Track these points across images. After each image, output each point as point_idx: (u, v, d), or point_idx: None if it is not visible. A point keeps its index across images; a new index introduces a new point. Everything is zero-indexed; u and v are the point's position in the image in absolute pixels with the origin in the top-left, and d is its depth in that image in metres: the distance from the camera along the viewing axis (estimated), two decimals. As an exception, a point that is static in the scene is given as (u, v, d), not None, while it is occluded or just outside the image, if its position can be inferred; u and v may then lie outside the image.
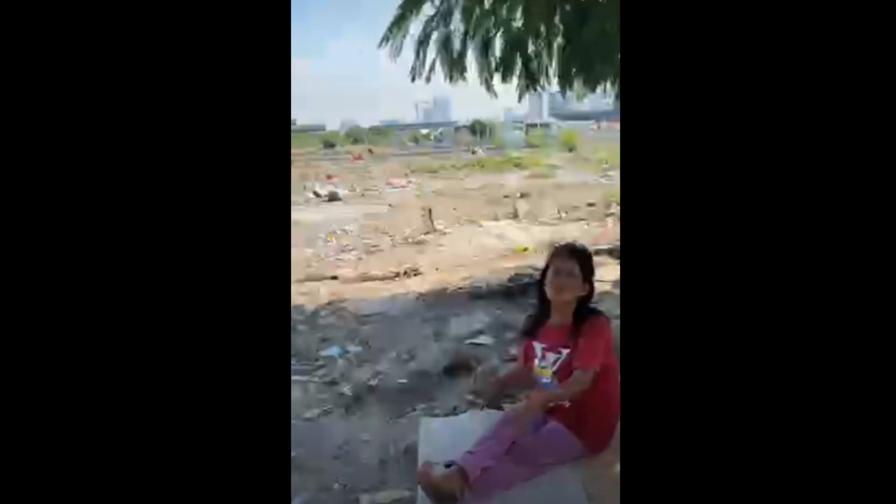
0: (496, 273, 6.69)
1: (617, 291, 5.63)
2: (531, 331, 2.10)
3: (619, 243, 7.37)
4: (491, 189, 15.65)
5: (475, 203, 13.33)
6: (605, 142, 28.27)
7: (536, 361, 2.00)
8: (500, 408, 2.64)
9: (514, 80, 4.55)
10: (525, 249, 7.93)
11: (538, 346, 2.00)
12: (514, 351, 4.39)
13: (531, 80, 4.55)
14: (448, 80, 4.56)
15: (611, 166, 18.71)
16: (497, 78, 4.55)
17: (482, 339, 4.74)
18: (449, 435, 2.25)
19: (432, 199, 13.71)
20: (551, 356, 1.95)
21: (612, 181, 15.11)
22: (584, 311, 1.94)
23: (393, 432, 3.36)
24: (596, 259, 7.32)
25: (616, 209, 10.57)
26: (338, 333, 5.17)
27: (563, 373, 1.88)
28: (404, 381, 4.16)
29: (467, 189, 16.10)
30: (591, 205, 11.61)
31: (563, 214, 11.00)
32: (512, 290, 5.75)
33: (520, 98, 4.69)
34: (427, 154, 29.71)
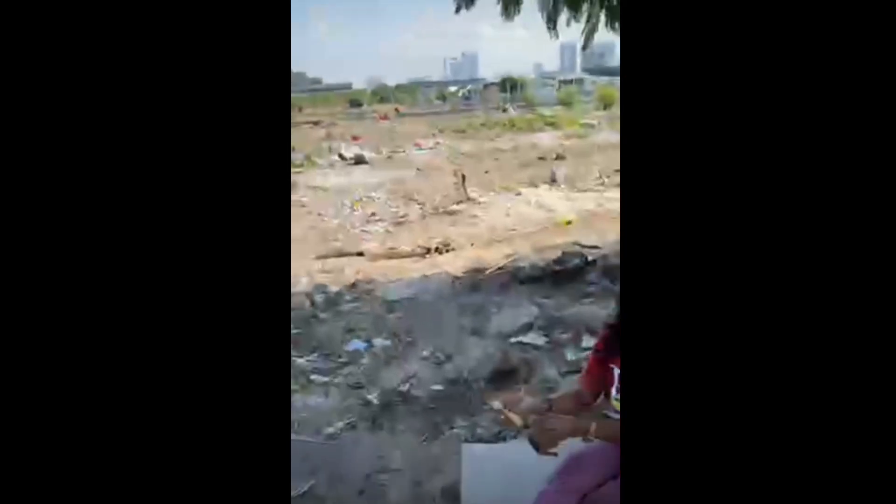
0: (540, 251, 5.97)
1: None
2: (610, 345, 1.59)
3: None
4: (524, 150, 14.75)
5: (508, 166, 12.51)
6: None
7: (614, 391, 1.56)
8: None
9: (581, 20, 3.80)
10: (569, 222, 7.17)
11: (616, 372, 1.54)
12: (570, 356, 3.72)
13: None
14: (503, 16, 3.87)
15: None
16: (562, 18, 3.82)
17: (530, 338, 4.07)
18: (496, 468, 1.96)
19: (462, 162, 12.91)
20: None
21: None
22: None
23: (428, 458, 2.76)
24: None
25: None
26: (363, 321, 4.58)
27: None
28: (440, 387, 3.55)
29: (499, 150, 15.21)
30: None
31: (606, 179, 10.12)
32: (560, 274, 5.03)
33: (586, 43, 3.94)
34: (455, 112, 28.63)
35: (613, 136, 15.94)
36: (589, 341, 3.86)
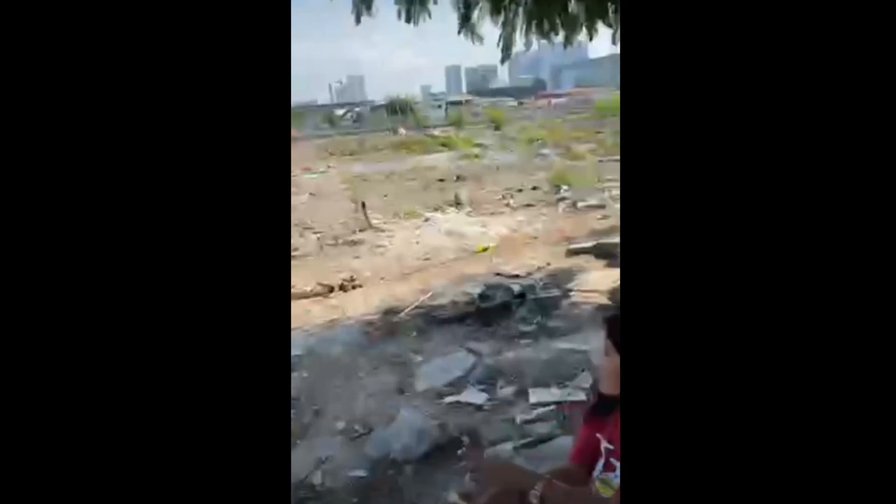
0: (458, 283, 5.36)
1: (616, 303, 4.47)
2: (595, 413, 1.36)
3: (598, 238, 6.39)
4: (421, 172, 14.26)
5: (407, 189, 11.93)
6: (530, 120, 27.58)
7: (598, 468, 1.30)
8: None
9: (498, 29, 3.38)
10: (486, 249, 6.64)
11: (604, 447, 1.30)
12: (519, 418, 3.09)
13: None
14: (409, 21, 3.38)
15: (543, 144, 17.85)
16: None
17: (469, 397, 3.39)
18: None
19: (358, 186, 12.15)
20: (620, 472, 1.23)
21: (548, 161, 14.17)
22: None
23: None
24: (578, 261, 5.93)
25: (568, 193, 9.53)
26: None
27: None
28: (361, 473, 2.78)
29: (394, 173, 14.60)
30: (535, 188, 10.52)
31: (511, 200, 9.83)
32: (487, 312, 4.44)
33: (505, 56, 3.49)
34: (344, 135, 27.79)
35: (508, 157, 15.95)
36: (539, 395, 3.27)
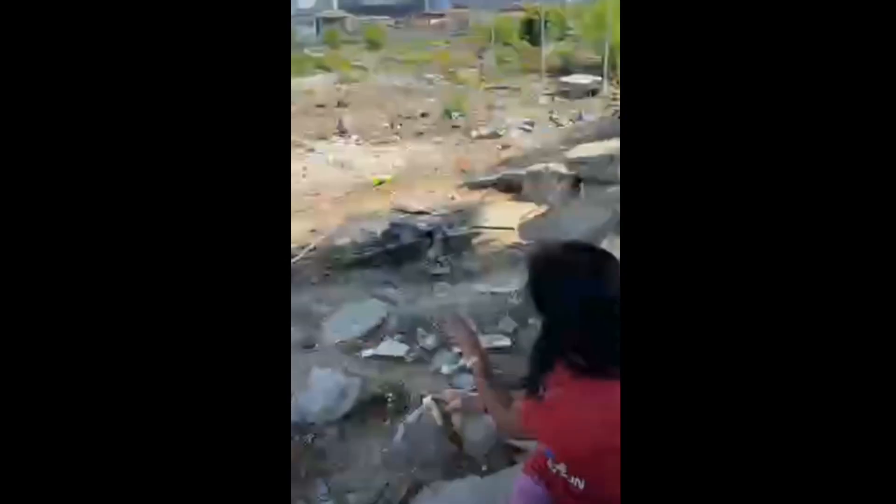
0: (357, 221, 4.98)
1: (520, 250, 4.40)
2: (532, 382, 1.22)
3: (500, 171, 6.24)
4: (299, 97, 13.16)
5: (286, 115, 10.91)
6: (413, 40, 26.42)
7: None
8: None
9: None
10: (381, 182, 6.24)
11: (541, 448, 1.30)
12: (446, 368, 2.92)
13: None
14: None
15: (427, 67, 17.21)
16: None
17: (387, 349, 3.15)
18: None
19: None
20: None
21: (435, 86, 13.68)
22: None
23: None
24: (483, 195, 5.72)
25: (460, 121, 9.26)
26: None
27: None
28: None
29: (269, 97, 13.30)
30: (425, 115, 10.12)
31: (399, 128, 9.37)
32: (395, 254, 4.16)
33: None
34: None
35: (392, 81, 15.18)
36: (462, 344, 3.12)
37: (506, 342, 3.08)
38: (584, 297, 1.06)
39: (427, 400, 1.38)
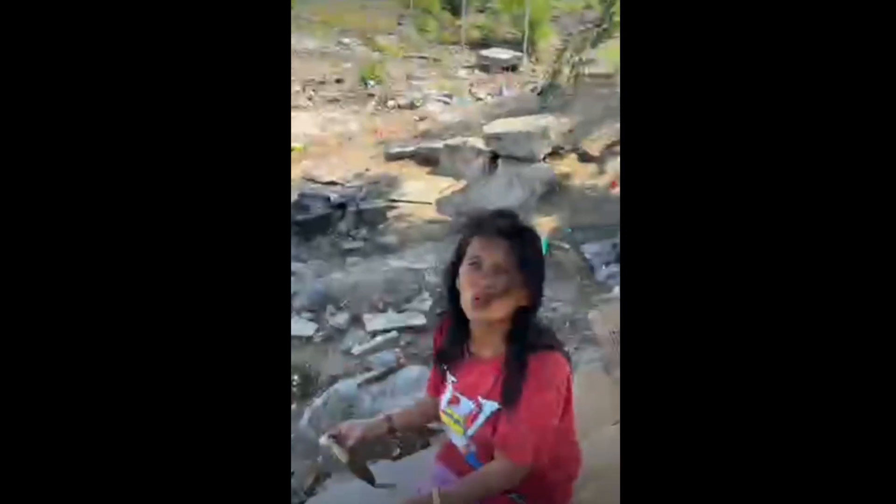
0: (265, 190, 4.68)
1: (440, 217, 4.32)
2: (445, 353, 1.27)
3: (418, 142, 6.06)
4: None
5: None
6: (328, 1, 25.21)
7: (443, 400, 1.23)
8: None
9: None
10: (291, 150, 5.90)
11: (450, 380, 1.23)
12: (356, 348, 2.80)
13: None
14: None
15: (342, 31, 16.52)
16: None
17: (296, 328, 2.97)
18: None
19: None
20: (466, 404, 1.18)
21: (351, 51, 13.16)
22: (524, 336, 1.14)
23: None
24: (399, 167, 5.59)
25: (376, 90, 8.96)
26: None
27: (482, 445, 1.17)
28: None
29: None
30: (340, 81, 9.71)
31: (312, 93, 8.93)
32: (305, 226, 3.93)
33: None
34: None
35: (304, 43, 14.42)
36: (375, 321, 2.99)
37: (421, 320, 3.01)
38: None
39: (324, 440, 1.23)
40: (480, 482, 1.15)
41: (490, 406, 1.13)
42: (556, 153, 4.76)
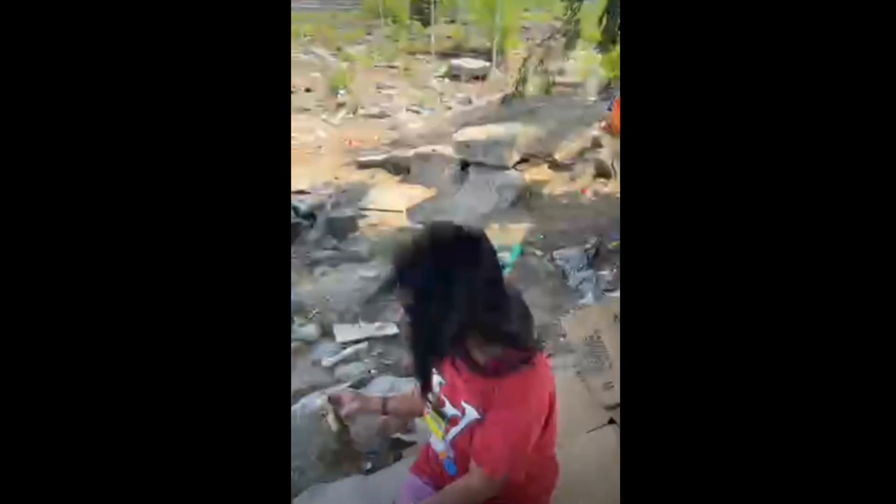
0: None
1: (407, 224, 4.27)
2: (435, 351, 1.15)
3: (388, 151, 6.00)
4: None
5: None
6: (297, 10, 25.06)
7: (429, 403, 1.21)
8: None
9: None
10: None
11: (437, 380, 1.20)
12: (327, 360, 2.73)
13: None
14: None
15: (311, 40, 16.45)
16: None
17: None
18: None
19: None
20: (450, 408, 1.15)
21: (321, 60, 13.08)
22: (511, 351, 1.08)
23: None
24: (369, 176, 5.52)
25: (346, 98, 8.90)
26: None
27: (461, 452, 1.16)
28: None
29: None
30: (309, 90, 9.63)
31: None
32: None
33: None
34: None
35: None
36: (345, 332, 2.92)
37: (393, 330, 2.94)
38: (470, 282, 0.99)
39: (322, 401, 1.33)
40: (456, 495, 1.14)
41: (472, 413, 1.11)
42: (526, 160, 4.76)
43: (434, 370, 1.20)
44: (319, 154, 6.11)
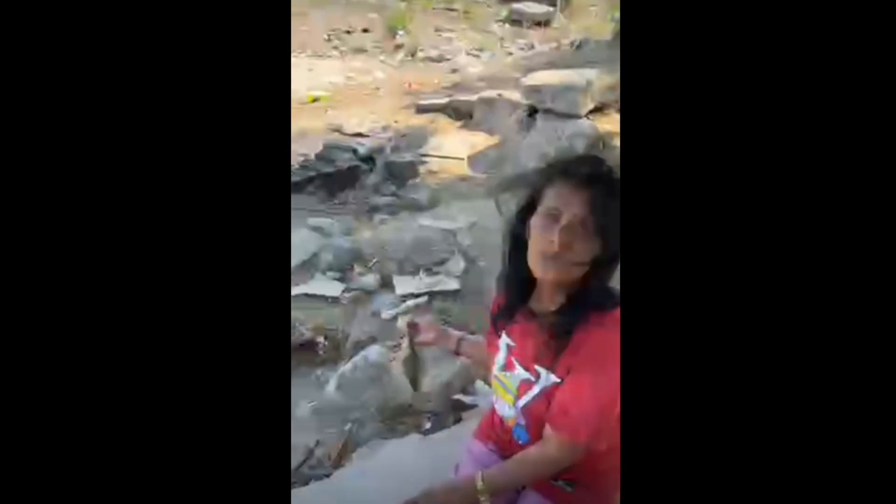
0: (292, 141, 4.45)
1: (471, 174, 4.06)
2: (503, 311, 1.14)
3: (449, 95, 5.73)
4: None
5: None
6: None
7: (496, 365, 1.13)
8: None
9: None
10: (317, 99, 5.64)
11: (505, 342, 1.12)
12: (385, 313, 2.60)
13: None
14: None
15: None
16: None
17: (320, 287, 2.78)
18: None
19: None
20: (521, 372, 1.06)
21: (380, 1, 12.65)
22: (592, 294, 1.00)
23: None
24: (429, 120, 5.29)
25: (405, 40, 8.56)
26: None
27: (534, 419, 1.07)
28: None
29: None
30: (367, 31, 9.32)
31: (339, 42, 8.59)
32: (331, 179, 3.70)
33: None
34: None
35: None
36: (405, 284, 2.78)
37: (454, 285, 2.79)
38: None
39: (401, 325, 1.39)
40: (528, 463, 1.07)
41: (548, 377, 1.04)
42: (600, 109, 4.42)
43: (503, 331, 1.12)
44: (378, 96, 5.90)
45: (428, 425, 2.16)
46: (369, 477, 1.60)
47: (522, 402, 1.07)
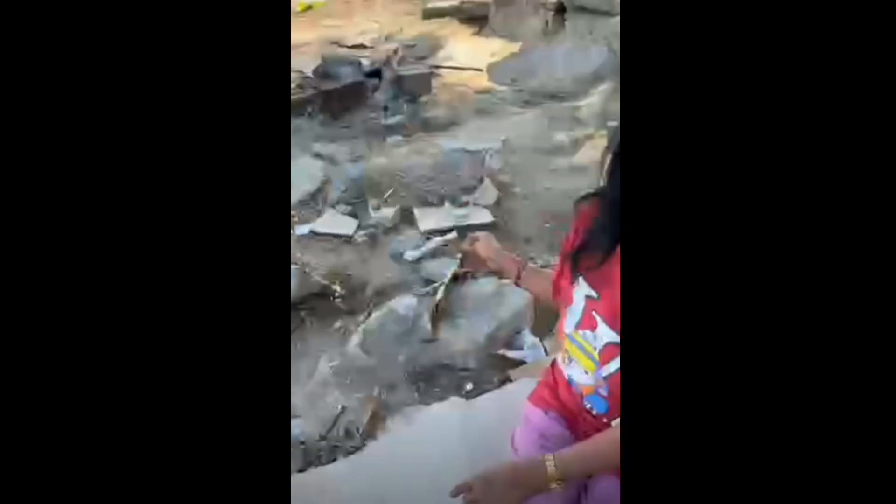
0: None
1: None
2: (584, 249, 0.97)
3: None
4: None
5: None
6: None
7: (569, 322, 1.01)
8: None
9: None
10: (309, 7, 5.04)
11: (583, 292, 0.98)
12: (409, 254, 2.24)
13: None
14: None
15: None
16: None
17: (329, 225, 2.41)
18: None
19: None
20: (607, 333, 0.93)
21: None
22: None
23: None
24: (438, 26, 4.68)
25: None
26: None
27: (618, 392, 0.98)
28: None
29: None
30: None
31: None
32: (334, 95, 3.24)
33: None
34: None
35: None
36: (430, 218, 2.40)
37: (486, 217, 2.40)
38: None
39: (464, 241, 1.22)
40: (612, 448, 0.89)
41: None
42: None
43: (582, 276, 0.97)
44: (379, 2, 5.27)
45: (469, 386, 1.86)
46: (406, 450, 1.44)
47: (607, 370, 0.94)
